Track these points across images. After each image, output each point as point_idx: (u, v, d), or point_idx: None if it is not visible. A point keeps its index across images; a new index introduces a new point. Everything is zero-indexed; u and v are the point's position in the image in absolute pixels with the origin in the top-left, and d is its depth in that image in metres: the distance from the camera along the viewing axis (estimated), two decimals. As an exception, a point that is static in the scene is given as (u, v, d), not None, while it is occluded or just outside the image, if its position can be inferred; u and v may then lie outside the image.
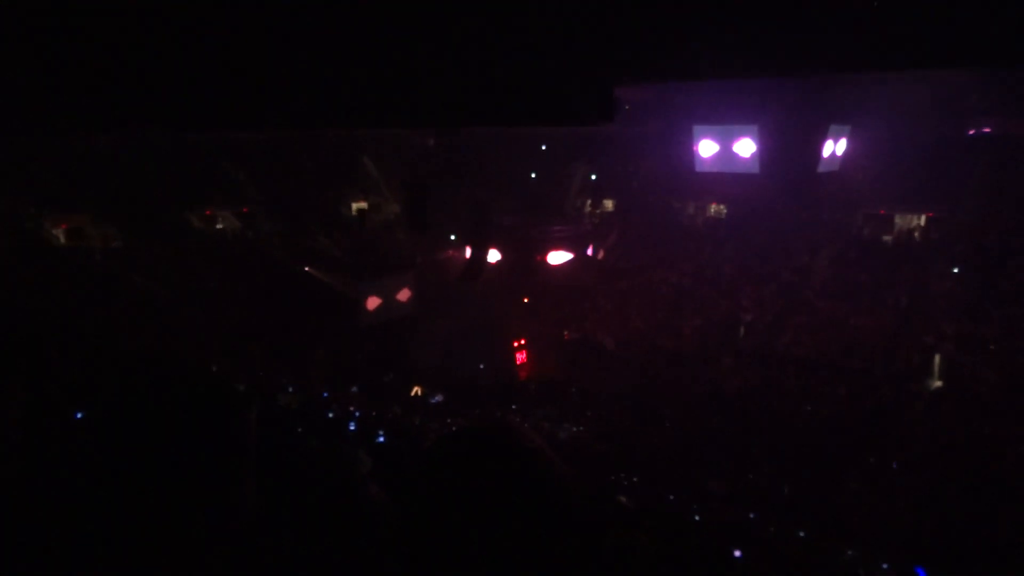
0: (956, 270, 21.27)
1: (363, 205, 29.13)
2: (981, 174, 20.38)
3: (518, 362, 22.88)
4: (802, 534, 11.34)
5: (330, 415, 10.95)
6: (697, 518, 10.70)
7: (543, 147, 26.51)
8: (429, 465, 1.30)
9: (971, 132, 21.39)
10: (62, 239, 24.24)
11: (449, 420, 17.00)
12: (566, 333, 24.07)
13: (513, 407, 18.95)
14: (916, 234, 23.40)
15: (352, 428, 9.06)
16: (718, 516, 11.57)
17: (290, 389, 15.91)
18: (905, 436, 16.59)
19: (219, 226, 27.18)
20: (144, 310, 21.12)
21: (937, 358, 19.27)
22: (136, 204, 23.58)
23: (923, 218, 23.41)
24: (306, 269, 24.21)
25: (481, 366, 22.06)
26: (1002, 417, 16.65)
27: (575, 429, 17.80)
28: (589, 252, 27.28)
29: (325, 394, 16.90)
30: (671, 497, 12.74)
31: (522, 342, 23.02)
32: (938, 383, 18.91)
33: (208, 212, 26.87)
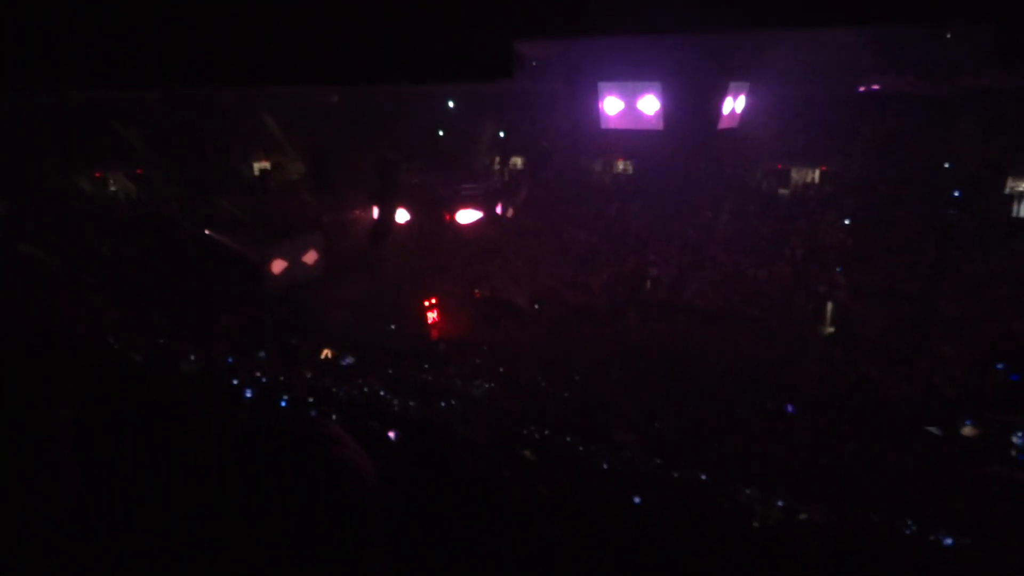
0: (847, 221, 22.31)
1: (265, 165, 28.26)
2: (871, 130, 21.31)
3: (429, 321, 22.80)
4: (704, 477, 11.85)
5: (234, 382, 10.71)
6: (605, 467, 11.02)
7: (450, 104, 26.19)
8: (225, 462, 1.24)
9: (861, 90, 22.25)
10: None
11: (360, 381, 16.89)
12: (477, 292, 24.11)
13: (425, 366, 18.95)
14: (811, 188, 24.39)
15: (248, 395, 8.83)
16: (625, 465, 11.95)
17: (192, 357, 15.43)
18: (799, 380, 17.44)
19: (112, 188, 25.87)
20: (31, 280, 19.98)
21: (829, 306, 20.26)
22: (19, 166, 22.15)
23: (817, 172, 24.40)
24: (207, 232, 23.34)
25: (392, 326, 21.91)
26: (888, 360, 17.72)
27: (487, 386, 17.97)
28: (499, 210, 27.30)
29: (230, 359, 16.48)
30: (580, 448, 13.06)
31: (433, 301, 22.93)
32: (830, 329, 19.91)
33: (98, 175, 25.51)
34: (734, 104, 22.11)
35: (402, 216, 24.36)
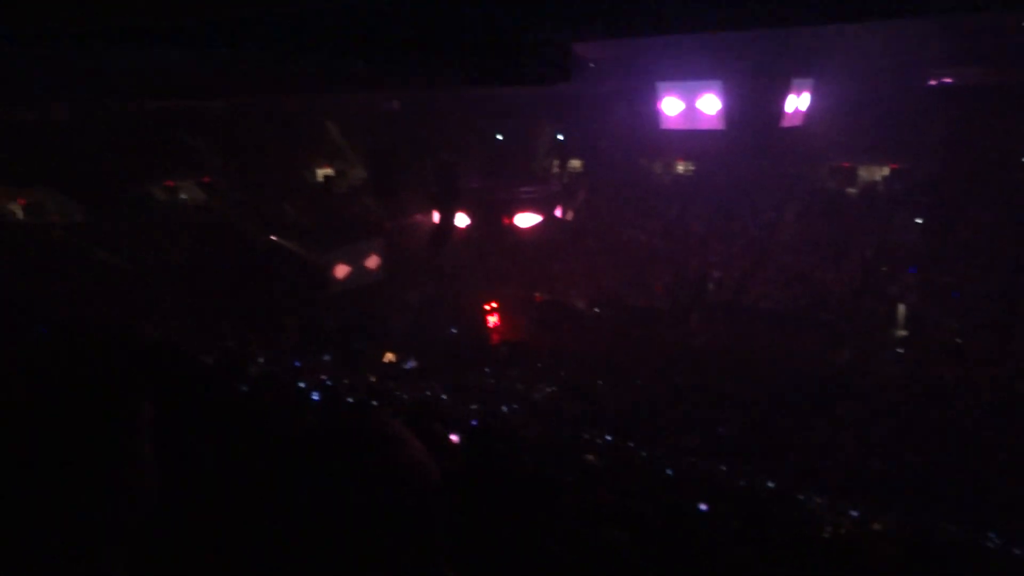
0: (919, 221, 21.58)
1: (329, 172, 28.79)
2: (943, 125, 20.58)
3: (490, 326, 22.91)
4: (771, 484, 11.59)
5: (301, 385, 10.93)
6: (669, 472, 10.88)
7: (509, 108, 26.27)
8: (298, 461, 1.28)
9: (932, 83, 21.53)
10: (20, 214, 23.70)
11: (423, 384, 17.05)
12: (537, 295, 24.12)
13: (486, 370, 19.02)
14: (880, 186, 23.68)
15: (315, 398, 9.01)
16: (689, 470, 11.77)
17: (261, 360, 15.80)
18: (871, 385, 16.93)
19: (182, 197, 26.73)
20: (108, 286, 20.76)
21: (901, 308, 19.63)
22: (95, 177, 23.08)
23: (886, 170, 23.67)
24: (272, 238, 23.91)
25: (453, 330, 22.07)
26: (964, 363, 17.07)
27: (548, 389, 17.93)
28: (558, 213, 27.25)
29: (297, 363, 16.83)
30: (642, 453, 12.92)
31: (493, 305, 23.02)
32: (902, 332, 19.28)
33: (170, 183, 26.39)
34: (797, 101, 21.67)
35: (462, 220, 24.55)
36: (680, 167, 27.79)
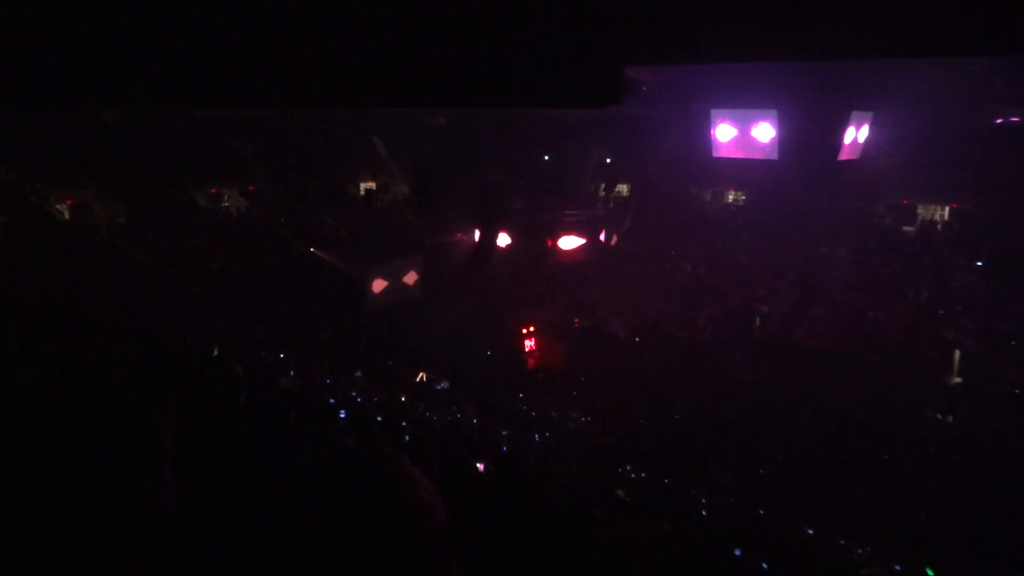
0: (979, 264, 21.03)
1: (371, 185, 29.08)
2: (1008, 165, 20.09)
3: (526, 349, 22.84)
4: (811, 532, 11.29)
5: (331, 401, 10.96)
6: (704, 513, 10.65)
7: (556, 128, 26.36)
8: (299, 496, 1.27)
9: (998, 121, 21.06)
10: (67, 215, 24.34)
11: (454, 407, 17.01)
12: (576, 320, 24.02)
13: (520, 395, 18.92)
14: (939, 226, 23.17)
15: (343, 415, 9.03)
16: (725, 511, 11.52)
17: (292, 372, 15.93)
18: (921, 433, 16.47)
19: (225, 204, 27.22)
20: (148, 289, 21.17)
21: (957, 354, 19.10)
22: (142, 180, 23.63)
23: (946, 209, 23.17)
24: (312, 250, 24.21)
25: (488, 353, 22.04)
26: (1021, 414, 16.51)
27: (583, 420, 17.77)
28: (602, 238, 27.17)
29: (327, 380, 16.92)
30: (677, 491, 12.70)
31: (531, 329, 22.97)
32: (957, 379, 18.75)
33: (214, 190, 26.90)
34: (856, 134, 21.34)
35: (503, 240, 24.59)
36: (730, 196, 27.56)
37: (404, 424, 11.22)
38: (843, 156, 21.10)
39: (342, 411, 9.55)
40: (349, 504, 1.23)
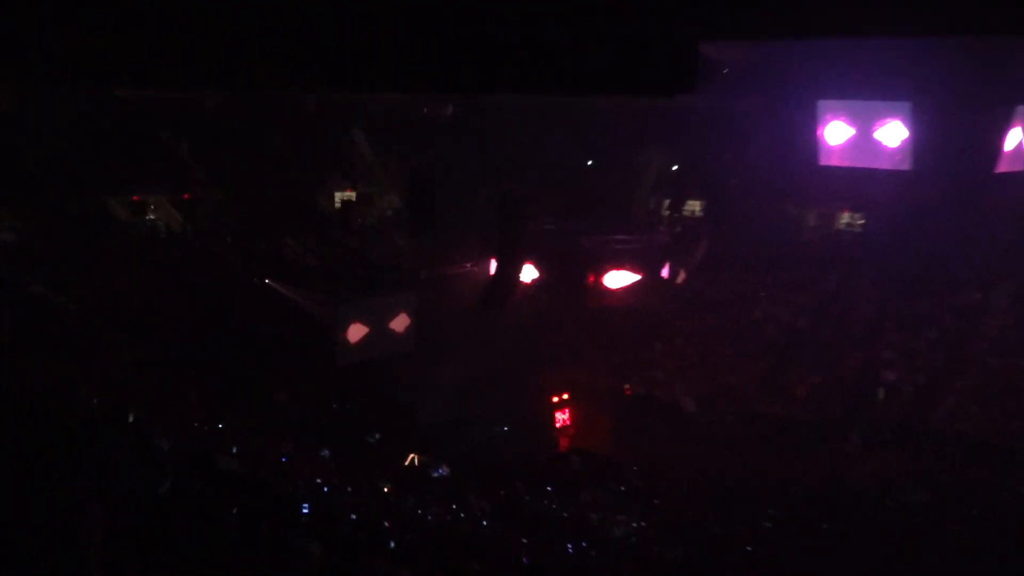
0: None
1: (350, 196, 29.34)
2: None
3: (558, 424, 22.79)
4: None
5: (289, 490, 10.98)
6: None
7: (602, 126, 26.50)
8: None
9: None
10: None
11: (455, 506, 16.96)
12: (627, 387, 23.97)
13: (548, 489, 18.86)
14: None
15: (305, 511, 9.02)
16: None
17: (235, 449, 15.98)
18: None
19: (150, 217, 27.49)
20: (40, 331, 21.33)
21: None
22: (36, 182, 23.91)
23: None
24: (266, 281, 24.37)
25: (505, 428, 22.01)
26: None
27: (635, 525, 17.66)
28: (665, 273, 27.18)
29: (284, 458, 16.95)
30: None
31: (564, 397, 22.93)
32: None
33: (136, 198, 27.18)
34: (1022, 137, 21.40)
35: (528, 274, 24.66)
36: (843, 219, 27.57)
37: (387, 525, 11.20)
38: (1004, 167, 21.11)
39: (304, 505, 9.56)
40: None
